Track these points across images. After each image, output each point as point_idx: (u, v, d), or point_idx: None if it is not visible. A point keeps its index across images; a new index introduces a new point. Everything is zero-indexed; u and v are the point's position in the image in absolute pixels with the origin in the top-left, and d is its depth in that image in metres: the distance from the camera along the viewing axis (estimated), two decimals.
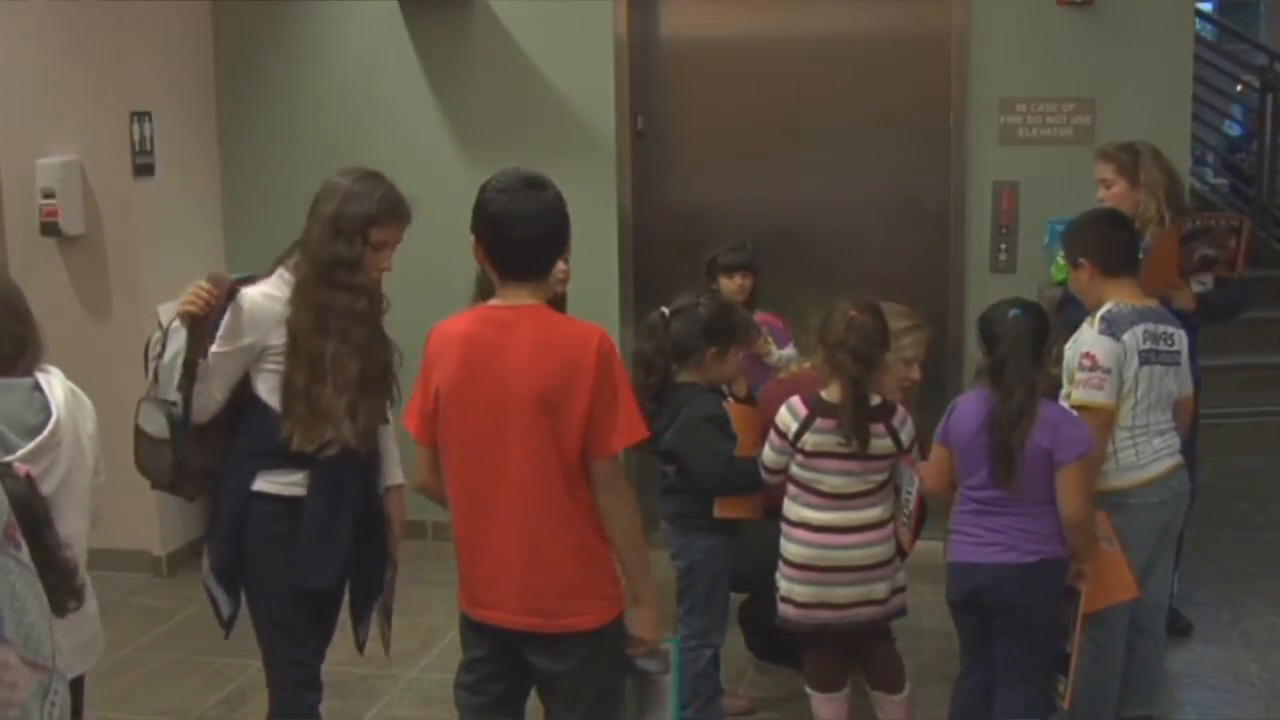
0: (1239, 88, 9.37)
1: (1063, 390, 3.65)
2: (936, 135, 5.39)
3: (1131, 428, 3.61)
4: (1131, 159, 4.47)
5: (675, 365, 3.84)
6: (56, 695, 1.90)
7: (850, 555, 3.54)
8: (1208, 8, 11.55)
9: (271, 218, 5.51)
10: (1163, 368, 3.64)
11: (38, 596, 1.91)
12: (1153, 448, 3.64)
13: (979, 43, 5.28)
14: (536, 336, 2.80)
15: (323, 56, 5.77)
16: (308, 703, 3.36)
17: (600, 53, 5.53)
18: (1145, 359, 3.60)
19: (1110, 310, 3.62)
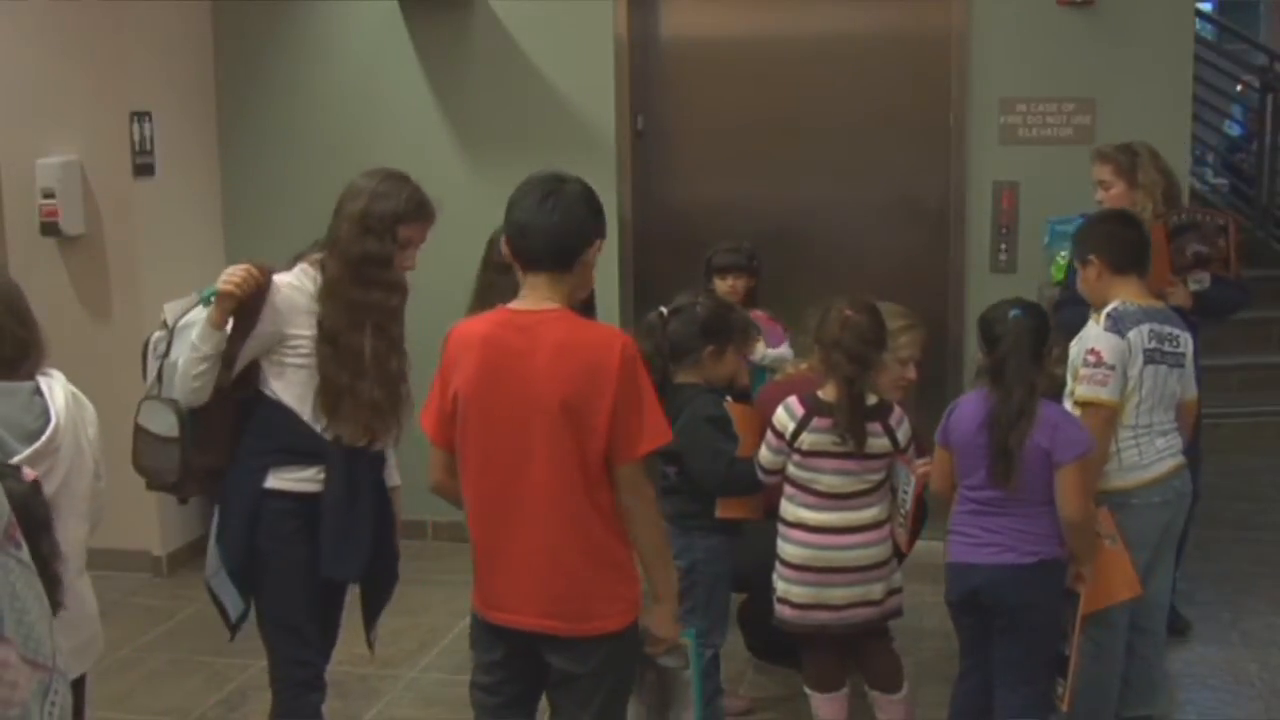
0: (1239, 88, 9.36)
1: (1067, 388, 3.65)
2: (936, 135, 5.39)
3: (1135, 426, 3.61)
4: (1129, 160, 4.46)
5: (673, 365, 3.84)
6: (57, 695, 1.90)
7: (847, 556, 3.54)
8: (1208, 8, 11.55)
9: (271, 218, 5.55)
10: (1167, 368, 3.63)
11: (38, 596, 1.91)
12: (1156, 448, 3.64)
13: (979, 43, 5.28)
14: (559, 341, 2.77)
15: (323, 56, 5.77)
16: (311, 703, 3.36)
17: (600, 53, 5.53)
18: (1150, 358, 3.60)
19: (1117, 308, 3.62)
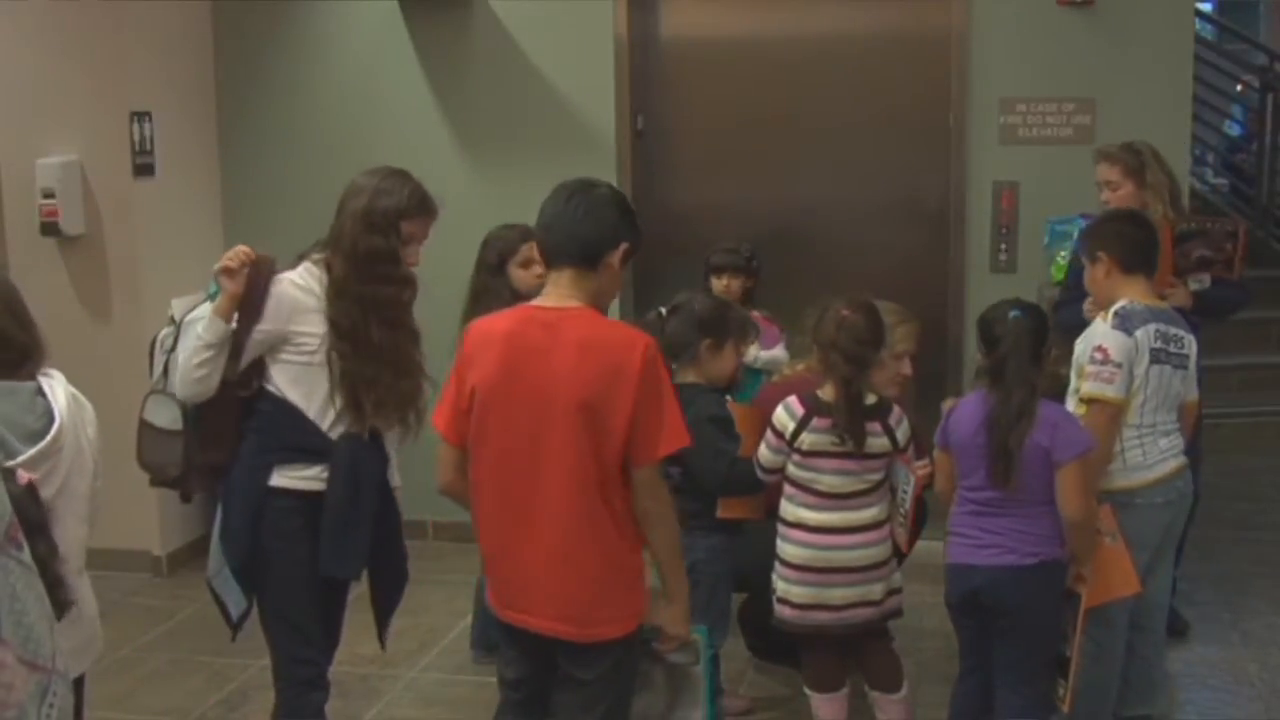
0: (1239, 88, 9.36)
1: (1071, 386, 3.65)
2: (936, 135, 5.39)
3: (1139, 426, 3.61)
4: (1136, 160, 4.44)
5: (673, 364, 3.84)
6: (55, 696, 1.90)
7: (847, 556, 3.54)
8: (1208, 8, 11.54)
9: (271, 217, 5.54)
10: (1171, 368, 3.63)
11: (39, 597, 1.91)
12: (1159, 448, 3.64)
13: (979, 43, 5.28)
14: (580, 339, 2.76)
15: (323, 56, 5.77)
16: (314, 702, 3.36)
17: (600, 53, 5.53)
18: (1156, 357, 3.59)
19: (1124, 306, 3.62)
